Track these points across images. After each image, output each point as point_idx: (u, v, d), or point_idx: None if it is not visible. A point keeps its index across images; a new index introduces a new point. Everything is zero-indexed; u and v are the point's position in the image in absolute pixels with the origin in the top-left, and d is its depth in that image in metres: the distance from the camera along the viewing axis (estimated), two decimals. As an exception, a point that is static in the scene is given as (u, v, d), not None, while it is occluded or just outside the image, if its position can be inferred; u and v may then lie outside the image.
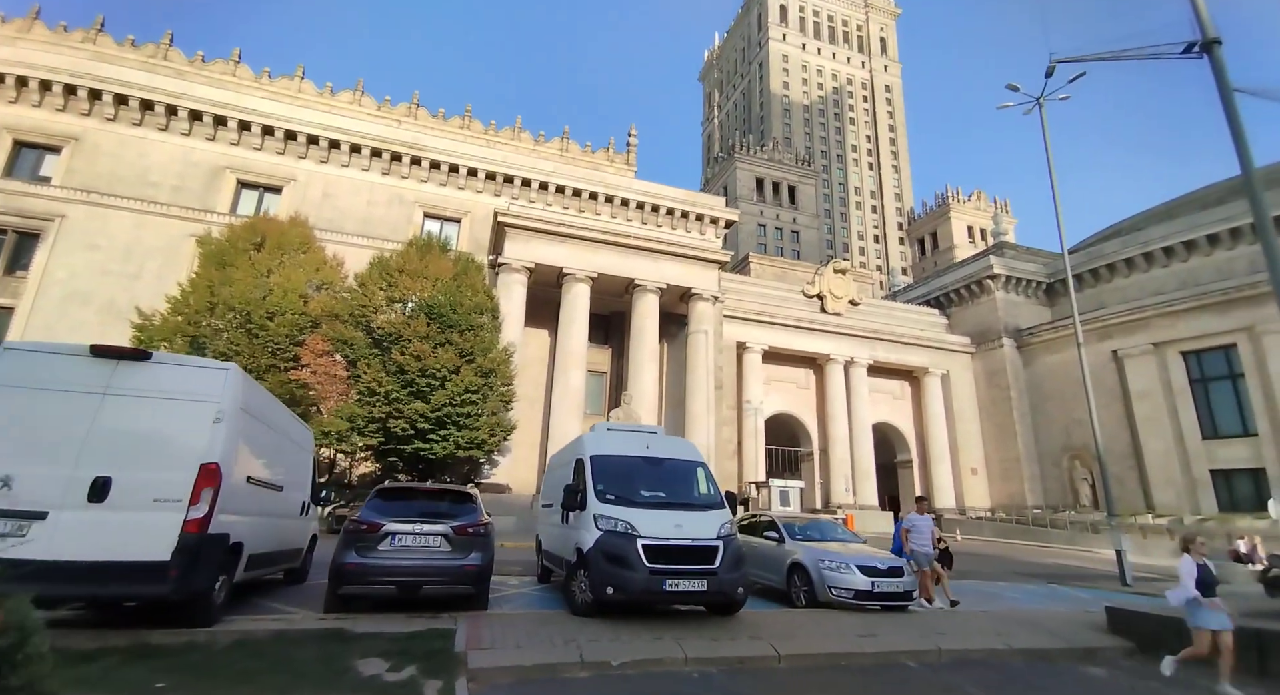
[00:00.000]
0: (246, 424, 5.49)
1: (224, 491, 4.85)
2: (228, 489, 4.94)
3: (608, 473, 6.88)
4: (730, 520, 6.56)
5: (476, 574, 6.16)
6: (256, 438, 5.85)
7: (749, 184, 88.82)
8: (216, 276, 18.86)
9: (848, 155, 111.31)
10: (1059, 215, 18.22)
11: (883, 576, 7.58)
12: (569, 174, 30.42)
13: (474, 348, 20.37)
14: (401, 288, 20.29)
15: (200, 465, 4.73)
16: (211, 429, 4.88)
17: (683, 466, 7.22)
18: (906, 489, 37.42)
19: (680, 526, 6.19)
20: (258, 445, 5.91)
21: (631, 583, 5.89)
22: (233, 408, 5.11)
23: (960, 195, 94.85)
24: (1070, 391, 33.41)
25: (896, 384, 37.96)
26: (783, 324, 34.64)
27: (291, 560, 7.61)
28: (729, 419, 32.19)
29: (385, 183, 27.52)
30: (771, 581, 8.64)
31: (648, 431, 7.91)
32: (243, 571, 5.73)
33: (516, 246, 24.38)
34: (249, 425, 5.58)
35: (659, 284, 25.75)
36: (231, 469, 5.08)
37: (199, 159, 25.14)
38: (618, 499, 6.53)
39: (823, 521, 9.78)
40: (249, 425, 5.58)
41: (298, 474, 7.60)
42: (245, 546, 5.58)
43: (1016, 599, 10.92)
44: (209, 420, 4.87)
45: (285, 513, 6.93)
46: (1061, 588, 13.42)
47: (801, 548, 8.27)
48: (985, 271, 37.81)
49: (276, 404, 7.34)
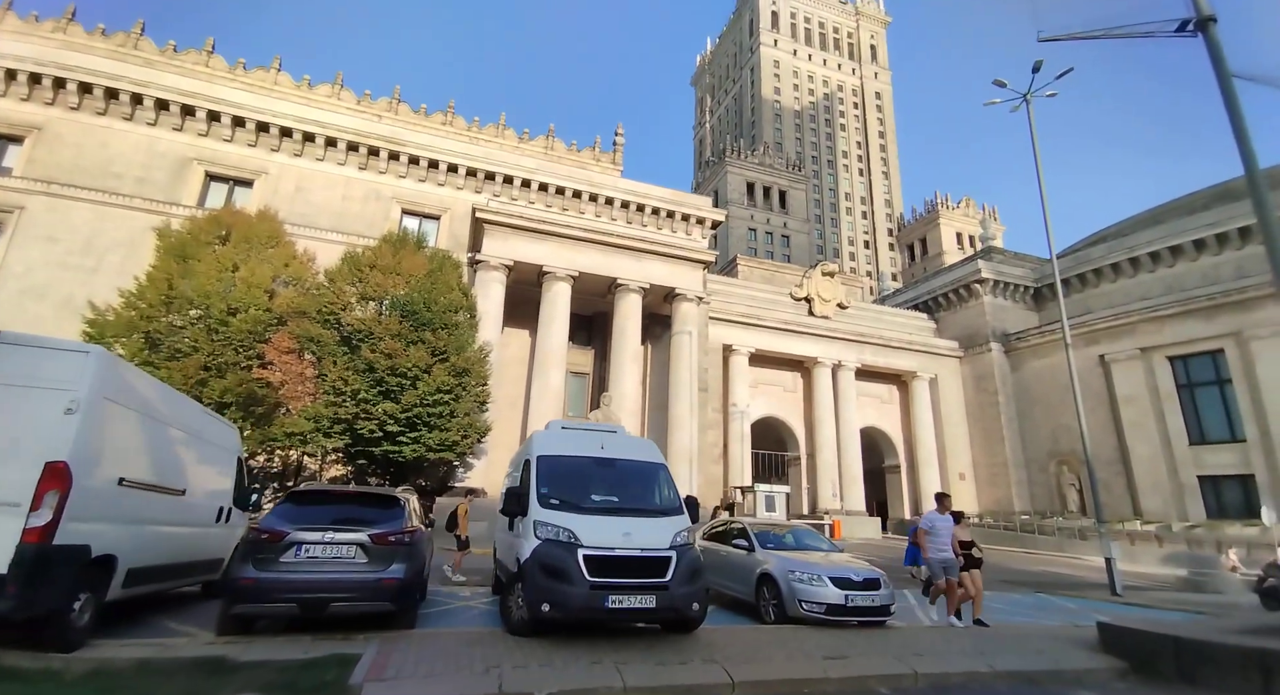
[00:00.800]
0: (116, 417, 4.78)
1: (79, 495, 4.15)
2: (85, 492, 4.24)
3: (555, 475, 6.24)
4: (687, 528, 5.95)
5: (398, 589, 5.41)
6: (135, 434, 5.13)
7: (739, 188, 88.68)
8: (176, 270, 18.01)
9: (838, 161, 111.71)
10: (1046, 216, 17.82)
11: (857, 589, 6.97)
12: (553, 171, 29.81)
13: (448, 346, 19.65)
14: (372, 284, 19.55)
15: (45, 464, 4.04)
16: (62, 422, 4.19)
17: (639, 469, 6.59)
18: (894, 494, 36.99)
19: (629, 535, 5.55)
20: (138, 442, 5.19)
21: (570, 599, 5.24)
22: (92, 397, 4.40)
23: (949, 202, 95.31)
24: (1057, 396, 33.15)
25: (885, 388, 37.58)
26: (770, 326, 34.17)
27: (208, 573, 6.88)
28: (715, 422, 31.60)
29: (362, 178, 26.77)
30: (741, 593, 8.03)
31: (604, 430, 7.28)
32: (121, 588, 5.01)
33: (495, 243, 23.71)
34: (121, 419, 4.88)
35: (642, 283, 25.17)
36: (91, 469, 4.39)
37: (165, 150, 24.29)
38: (562, 504, 5.88)
39: (800, 529, 9.18)
40: (121, 419, 4.88)
41: (210, 477, 6.86)
42: (120, 560, 4.87)
43: (1003, 610, 10.35)
44: (60, 411, 4.17)
45: (189, 521, 6.19)
46: (1049, 597, 12.91)
47: (772, 557, 7.62)
48: (973, 276, 37.58)
49: (174, 396, 6.58)
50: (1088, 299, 35.48)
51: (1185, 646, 5.99)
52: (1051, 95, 16.76)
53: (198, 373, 16.53)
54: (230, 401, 16.89)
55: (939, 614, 8.26)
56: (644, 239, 25.56)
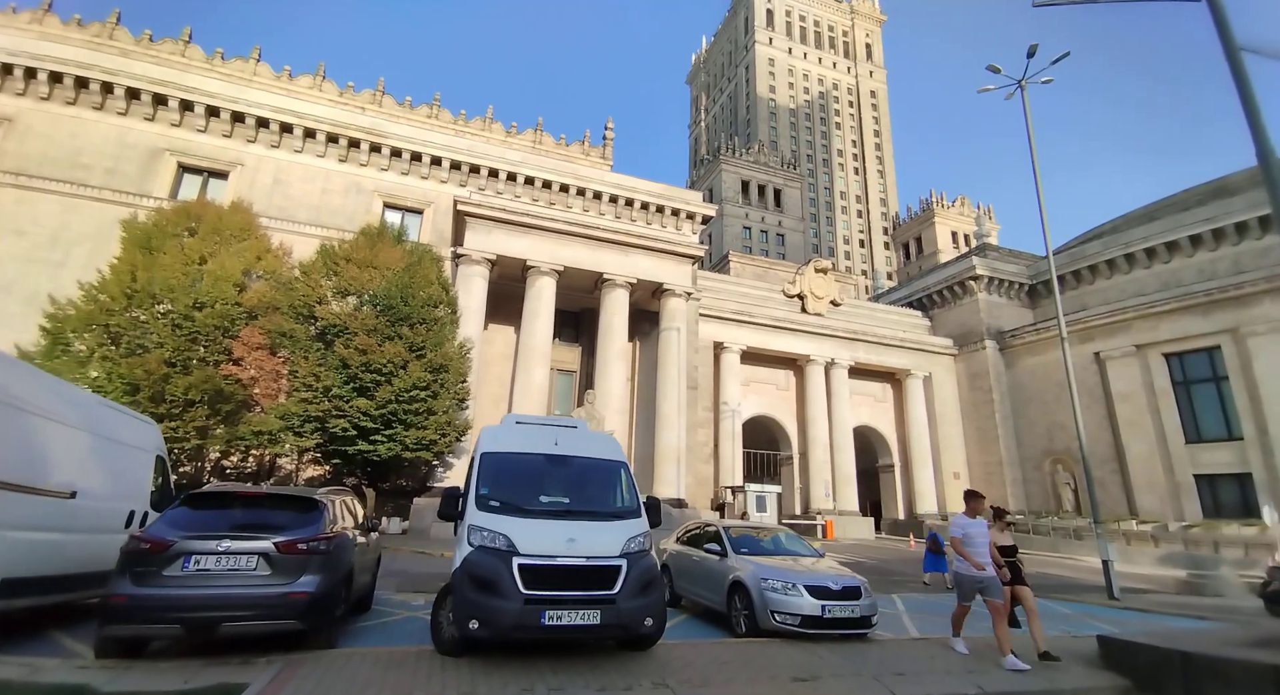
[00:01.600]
0: None
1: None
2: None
3: (500, 474, 5.63)
4: (644, 533, 5.34)
5: (307, 605, 4.72)
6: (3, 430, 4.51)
7: (734, 186, 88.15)
8: (139, 262, 17.34)
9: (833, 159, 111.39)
10: (1041, 207, 17.26)
11: (835, 599, 6.36)
12: (539, 165, 29.17)
13: (426, 342, 19.04)
14: (347, 277, 18.92)
15: None
16: None
17: (596, 467, 5.98)
18: (888, 494, 36.49)
19: (574, 541, 4.94)
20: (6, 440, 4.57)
21: (500, 615, 4.59)
22: None
23: (944, 201, 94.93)
24: (1052, 394, 32.70)
25: (878, 386, 37.07)
26: (762, 324, 33.61)
27: None
28: (705, 421, 31.03)
29: (342, 170, 26.09)
30: (713, 603, 7.43)
31: (562, 425, 6.67)
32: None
33: (477, 237, 23.07)
34: None
35: (629, 278, 24.56)
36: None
37: (136, 140, 23.57)
38: (503, 507, 5.28)
39: (781, 533, 8.59)
40: None
41: (115, 478, 6.22)
42: None
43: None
44: None
45: (82, 527, 5.55)
46: (1044, 601, 12.32)
47: (745, 563, 7.00)
48: (967, 272, 37.10)
49: (66, 390, 5.93)
50: (1083, 296, 35.04)
51: (1194, 663, 5.42)
52: (1047, 81, 16.21)
53: (160, 368, 15.87)
54: (195, 399, 16.23)
55: (965, 646, 6.52)
56: (630, 233, 24.95)
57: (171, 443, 16.38)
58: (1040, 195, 16.99)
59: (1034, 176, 17.02)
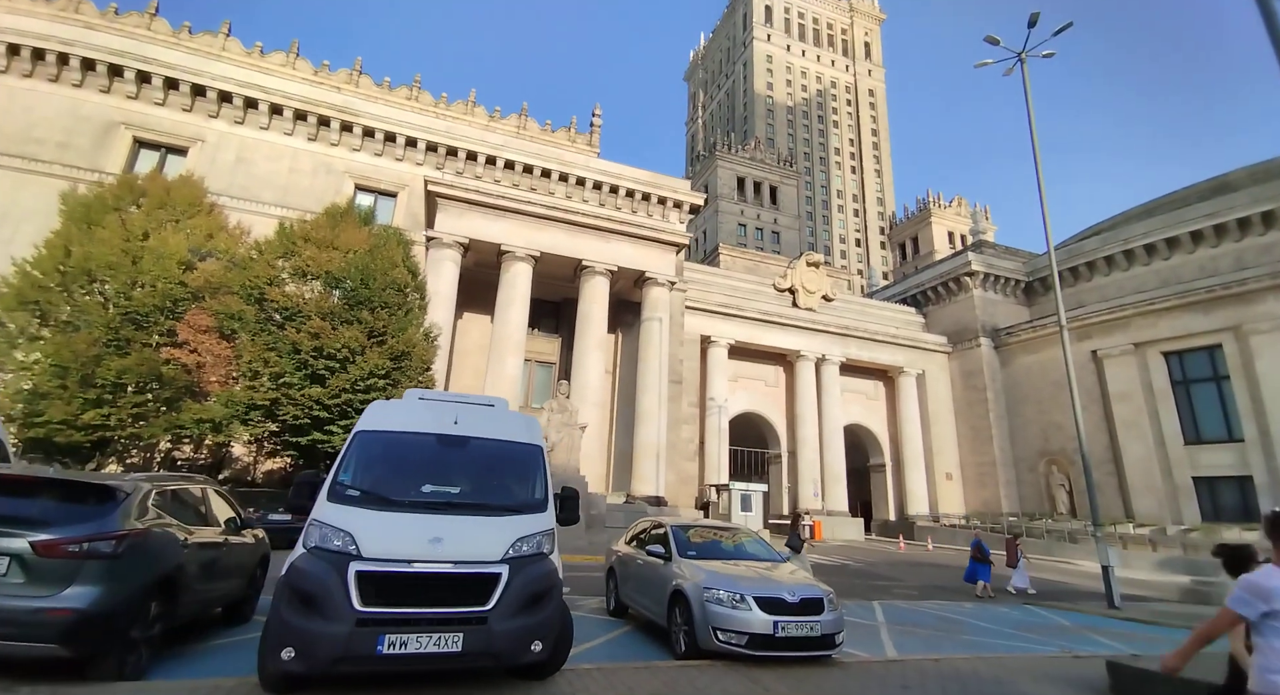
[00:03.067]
0: None
1: None
2: None
3: (374, 457, 4.55)
4: (543, 532, 4.26)
5: (74, 624, 3.57)
6: None
7: (730, 183, 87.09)
8: (74, 237, 16.17)
9: (830, 158, 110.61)
10: (1041, 191, 16.22)
11: (792, 614, 5.23)
12: (521, 148, 28.05)
13: (388, 328, 17.90)
14: (304, 257, 17.75)
15: None
16: None
17: (502, 451, 4.90)
18: (879, 495, 35.54)
19: (440, 541, 3.76)
20: None
21: (320, 642, 3.39)
22: None
23: (941, 201, 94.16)
24: (1048, 394, 31.78)
25: (870, 384, 36.11)
26: (751, 317, 32.60)
27: None
28: (691, 417, 30.00)
29: (311, 149, 24.92)
30: (654, 615, 6.34)
31: (474, 403, 5.60)
32: None
33: (449, 219, 21.95)
34: None
35: (609, 265, 23.48)
36: None
37: (90, 113, 22.35)
38: (363, 497, 4.18)
39: (744, 534, 7.47)
40: None
41: None
42: None
43: (982, 629, 8.74)
44: None
45: None
46: (1039, 610, 11.34)
47: (691, 569, 5.85)
48: (963, 268, 36.16)
49: None
50: (1080, 293, 34.14)
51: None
52: (1049, 55, 15.21)
53: (90, 350, 14.71)
54: (128, 383, 15.07)
55: None
56: (611, 218, 23.88)
57: (104, 430, 15.27)
58: (1040, 179, 15.97)
59: (1034, 159, 16.01)
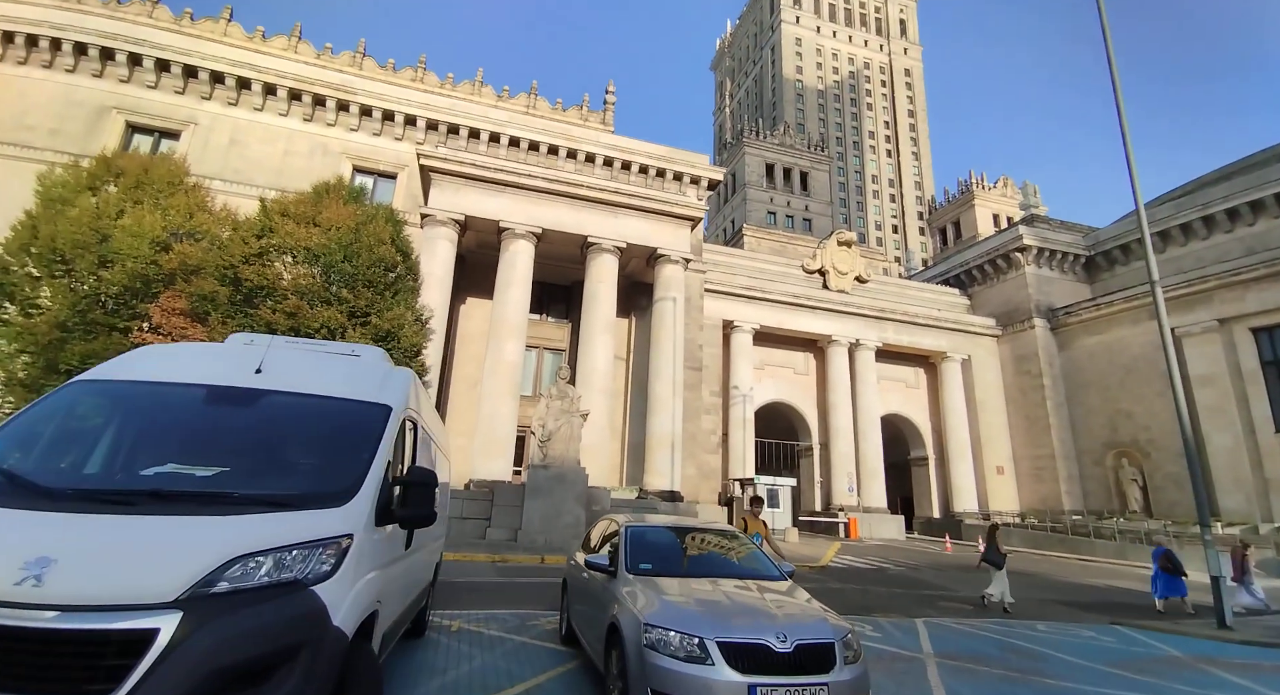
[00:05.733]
0: None
1: None
2: None
3: (86, 420, 2.89)
4: (308, 542, 2.41)
5: None
6: None
7: (758, 170, 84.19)
8: (43, 216, 15.32)
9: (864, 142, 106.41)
10: (1125, 133, 13.59)
11: (780, 673, 3.22)
12: (526, 124, 26.51)
13: (372, 308, 16.54)
14: (282, 234, 16.52)
15: None
16: None
17: (310, 412, 3.18)
18: (921, 490, 32.74)
19: (49, 566, 2.04)
20: None
21: None
22: None
23: (985, 182, 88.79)
24: (1116, 379, 28.48)
25: (910, 371, 33.30)
26: (778, 300, 30.30)
27: None
28: (713, 407, 27.96)
29: (306, 130, 23.89)
30: (595, 655, 4.44)
31: (327, 352, 3.90)
32: None
33: (444, 195, 20.51)
34: None
35: (617, 242, 21.67)
36: None
37: (82, 98, 21.78)
38: (8, 484, 2.51)
39: (727, 538, 5.44)
40: None
41: None
42: None
43: (1067, 667, 6.56)
44: None
45: None
46: (1131, 632, 8.99)
47: (636, 591, 3.95)
48: (1014, 244, 32.94)
49: None
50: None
51: None
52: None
53: (51, 332, 13.74)
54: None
55: None
56: (618, 191, 22.03)
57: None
58: (1122, 113, 13.39)
59: (1114, 92, 13.41)
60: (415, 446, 3.84)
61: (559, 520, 14.72)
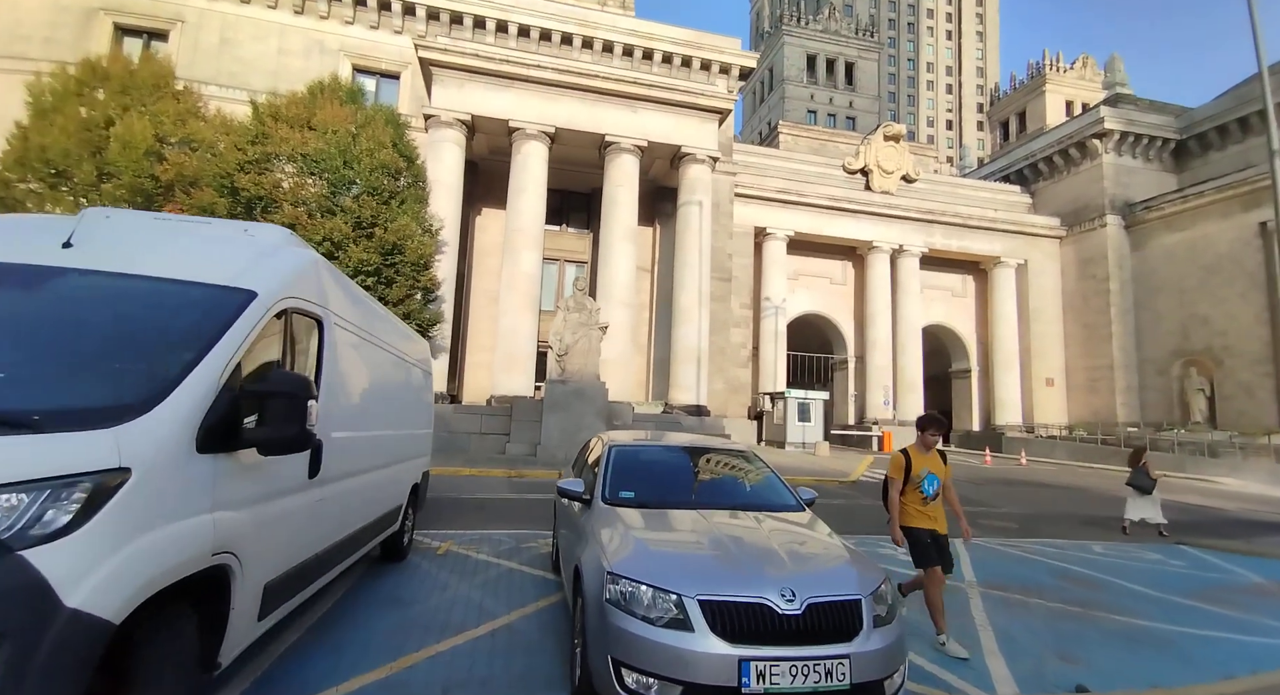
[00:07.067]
0: None
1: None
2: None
3: None
4: (45, 481, 1.58)
5: None
6: None
7: (798, 62, 76.53)
8: (34, 126, 14.60)
9: (921, 23, 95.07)
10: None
11: (784, 642, 2.35)
12: (535, 9, 23.75)
13: (378, 218, 15.64)
14: (277, 139, 15.43)
15: None
16: None
17: (123, 296, 2.29)
18: (961, 403, 31.57)
19: None
20: None
21: None
22: None
23: (1061, 62, 78.45)
24: (1194, 280, 25.77)
25: (957, 279, 31.03)
26: (815, 204, 27.99)
27: None
28: (743, 320, 26.82)
29: (299, 25, 21.98)
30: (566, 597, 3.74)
31: (191, 225, 3.01)
32: None
33: (447, 92, 18.78)
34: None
35: (637, 140, 19.76)
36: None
37: (69, 2, 20.37)
38: None
39: (734, 458, 4.44)
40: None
41: None
42: None
43: (1140, 599, 5.73)
44: None
45: None
46: (1202, 553, 8.07)
47: (610, 526, 3.16)
48: (1093, 128, 29.03)
49: None
50: (1248, 152, 26.59)
51: None
52: None
53: (53, 251, 13.43)
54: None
55: None
56: (637, 81, 19.77)
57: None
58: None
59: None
60: (322, 352, 2.98)
61: (579, 435, 14.34)
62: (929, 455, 4.13)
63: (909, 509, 4.07)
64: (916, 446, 4.17)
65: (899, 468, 4.06)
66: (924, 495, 4.03)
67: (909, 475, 4.03)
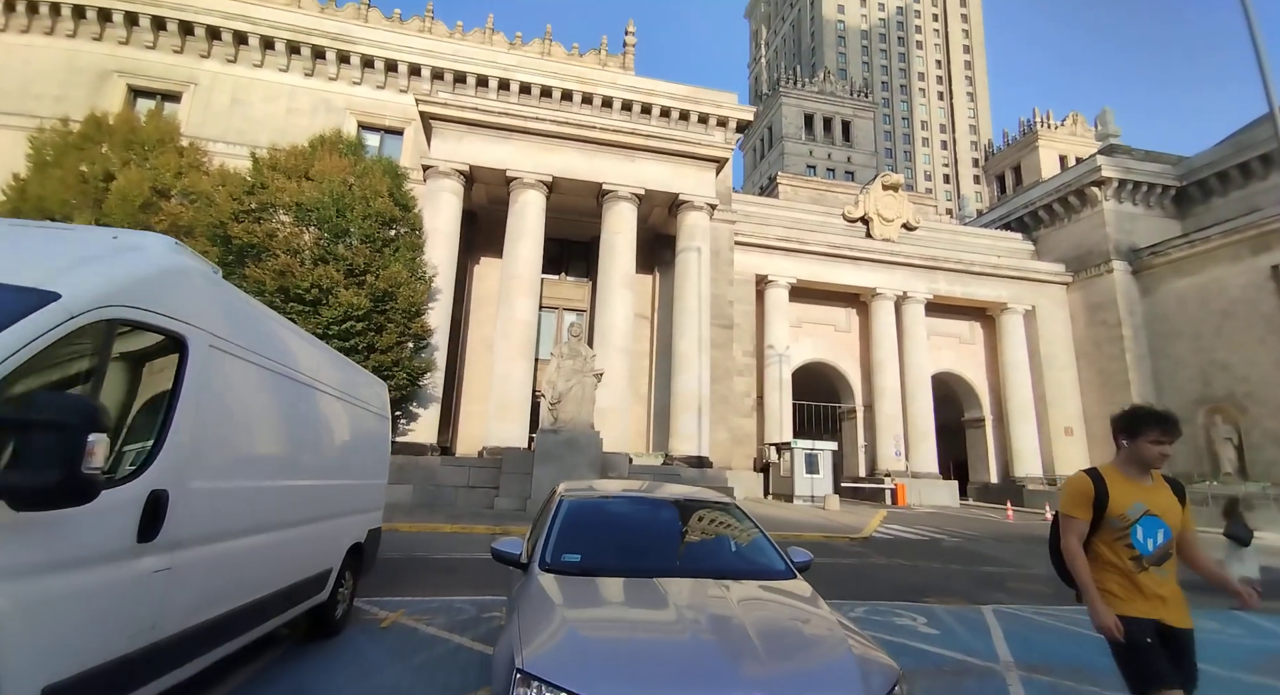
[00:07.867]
0: None
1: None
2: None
3: None
4: None
5: None
6: None
7: (796, 120, 79.26)
8: (34, 178, 14.78)
9: (913, 85, 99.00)
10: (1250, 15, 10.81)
11: None
12: (536, 68, 24.65)
13: (370, 265, 15.49)
14: (274, 189, 15.52)
15: None
16: None
17: None
18: (976, 454, 30.33)
19: None
20: None
21: None
22: None
23: (1051, 120, 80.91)
24: (1211, 325, 25.09)
25: (964, 325, 30.51)
26: (816, 252, 27.93)
27: None
28: (746, 368, 26.22)
29: (308, 86, 22.76)
30: None
31: (39, 229, 2.55)
32: None
33: (446, 144, 19.07)
34: None
35: (634, 188, 19.85)
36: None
37: (85, 63, 21.22)
38: None
39: (712, 511, 3.68)
40: None
41: None
42: None
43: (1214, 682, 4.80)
44: None
45: None
46: (1260, 619, 7.06)
47: (541, 601, 2.42)
48: (1090, 177, 29.23)
49: None
50: (1252, 196, 26.56)
51: None
52: None
53: (37, 299, 13.23)
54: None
55: None
56: (634, 131, 20.08)
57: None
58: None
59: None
60: (182, 379, 2.41)
61: (571, 488, 13.56)
62: (1147, 483, 2.42)
63: (1105, 581, 2.40)
64: (1120, 465, 2.46)
65: (1083, 499, 2.41)
66: (1136, 551, 2.35)
67: (1103, 515, 2.37)
